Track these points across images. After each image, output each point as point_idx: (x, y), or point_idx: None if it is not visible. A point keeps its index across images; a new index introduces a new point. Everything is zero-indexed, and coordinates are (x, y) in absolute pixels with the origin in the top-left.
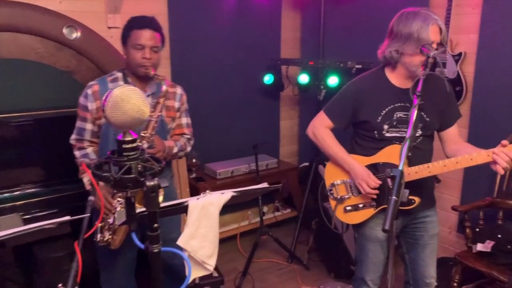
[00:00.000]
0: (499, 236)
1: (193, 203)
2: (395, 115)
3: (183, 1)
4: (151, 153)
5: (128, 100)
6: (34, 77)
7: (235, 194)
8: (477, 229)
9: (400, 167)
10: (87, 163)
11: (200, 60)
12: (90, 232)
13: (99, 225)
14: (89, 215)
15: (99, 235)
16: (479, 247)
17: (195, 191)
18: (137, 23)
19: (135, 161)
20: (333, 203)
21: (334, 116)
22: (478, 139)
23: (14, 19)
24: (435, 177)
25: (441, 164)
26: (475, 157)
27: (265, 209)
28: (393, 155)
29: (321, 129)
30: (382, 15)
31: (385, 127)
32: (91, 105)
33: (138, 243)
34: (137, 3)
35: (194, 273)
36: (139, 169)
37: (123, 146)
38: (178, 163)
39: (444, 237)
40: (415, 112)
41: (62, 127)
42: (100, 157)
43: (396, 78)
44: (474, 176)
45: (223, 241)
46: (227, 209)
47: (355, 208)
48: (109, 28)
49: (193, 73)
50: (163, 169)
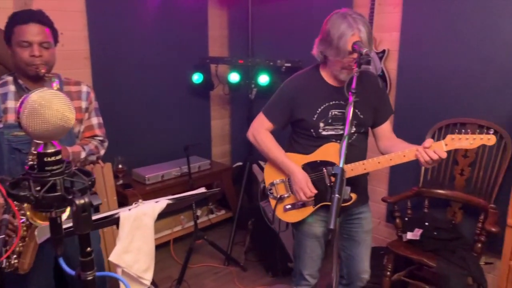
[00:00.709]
0: (426, 224)
1: (125, 215)
2: (330, 113)
3: None
4: None
5: (49, 105)
6: None
7: (170, 202)
8: (406, 219)
9: (340, 165)
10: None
11: (123, 59)
12: (4, 256)
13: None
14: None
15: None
16: (409, 235)
17: (123, 199)
18: (20, 18)
19: (60, 176)
20: (273, 202)
21: (272, 116)
22: (402, 132)
23: None
24: None
25: (375, 161)
26: (408, 153)
27: (199, 212)
28: (331, 153)
29: (261, 132)
30: (308, 13)
31: (321, 124)
32: None
33: (67, 269)
34: None
35: None
36: (65, 185)
37: (45, 159)
38: (103, 170)
39: (374, 228)
40: (351, 109)
41: None
42: None
43: (329, 76)
44: (400, 168)
45: (155, 249)
46: (158, 215)
47: (294, 206)
48: None
49: (116, 73)
50: (93, 183)
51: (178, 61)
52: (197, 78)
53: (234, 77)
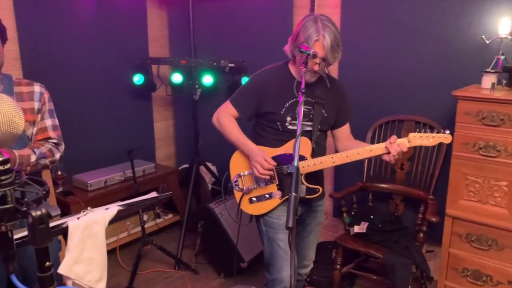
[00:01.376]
0: (372, 217)
1: (74, 224)
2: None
3: None
4: None
5: None
6: None
7: (121, 208)
8: (352, 213)
9: (295, 163)
10: None
11: (57, 60)
12: None
13: None
14: None
15: None
16: (356, 229)
17: (64, 207)
18: None
19: (11, 187)
20: (238, 195)
21: (239, 106)
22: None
23: None
24: None
25: (344, 155)
26: (374, 148)
27: (145, 217)
28: (302, 147)
29: (225, 116)
30: (250, 14)
31: (288, 119)
32: None
33: (21, 286)
34: None
35: None
36: (17, 196)
37: None
38: (42, 178)
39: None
40: (302, 108)
41: None
42: None
43: (297, 73)
44: (344, 165)
45: None
46: None
47: (261, 198)
48: None
49: (50, 75)
50: (48, 192)
51: (117, 62)
52: (138, 79)
53: (177, 78)
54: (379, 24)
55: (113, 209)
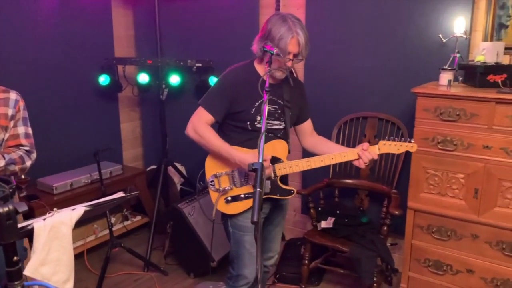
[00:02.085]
0: (338, 212)
1: (39, 225)
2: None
3: None
4: None
5: None
6: None
7: (88, 208)
8: (319, 209)
9: (260, 160)
10: None
11: (19, 61)
12: None
13: None
14: None
15: None
16: (323, 224)
17: (29, 211)
18: None
19: None
20: (213, 195)
21: (212, 109)
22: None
23: None
24: None
25: (320, 158)
26: (347, 154)
27: (113, 220)
28: (277, 149)
29: (202, 125)
30: (216, 13)
31: (258, 118)
32: None
33: None
34: None
35: None
36: None
37: None
38: None
39: (290, 220)
40: (266, 107)
41: None
42: None
43: (264, 72)
44: None
45: None
46: None
47: (236, 199)
48: None
49: (12, 77)
50: (14, 190)
51: (81, 62)
52: (103, 79)
53: (143, 78)
54: (343, 23)
55: (79, 210)
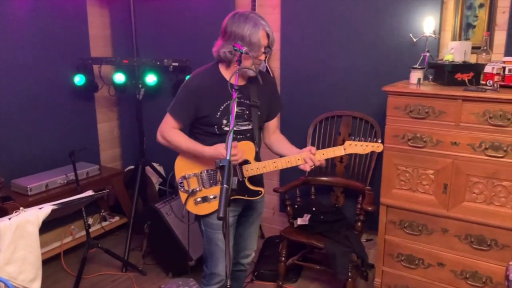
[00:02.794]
0: (314, 209)
1: (5, 224)
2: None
3: None
4: None
5: None
6: None
7: (55, 207)
8: (296, 206)
9: (227, 157)
10: None
11: None
12: None
13: None
14: None
15: None
16: (299, 221)
17: (3, 213)
18: None
19: None
20: (183, 196)
21: (178, 115)
22: (288, 126)
23: None
24: None
25: (286, 160)
26: (302, 156)
27: (91, 221)
28: (245, 150)
29: (168, 130)
30: (192, 13)
31: (224, 121)
32: None
33: None
34: None
35: None
36: None
37: None
38: None
39: (269, 218)
40: (235, 105)
41: None
42: None
43: (228, 74)
44: None
45: (44, 263)
46: (46, 227)
47: (206, 199)
48: None
49: None
50: None
51: (56, 62)
52: (78, 79)
53: (119, 78)
54: (317, 23)
55: (47, 208)
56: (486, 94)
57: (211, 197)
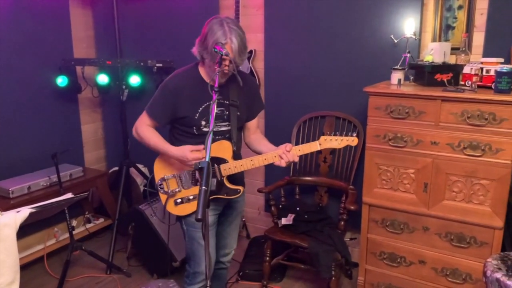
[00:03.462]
0: (298, 208)
1: None
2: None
3: None
4: None
5: None
6: None
7: (33, 210)
8: (280, 206)
9: (206, 159)
10: None
11: None
12: None
13: None
14: None
15: None
16: (283, 221)
17: None
18: None
19: None
20: (163, 197)
21: (154, 115)
22: (273, 126)
23: None
24: None
25: (263, 157)
26: (278, 153)
27: (75, 223)
28: (221, 150)
29: (143, 127)
30: (176, 14)
31: (203, 123)
32: None
33: None
34: None
35: None
36: None
37: None
38: None
39: (254, 218)
40: (215, 106)
41: None
42: None
43: (207, 75)
44: None
45: (28, 266)
46: (29, 230)
47: (186, 200)
48: None
49: None
50: None
51: (38, 63)
52: (61, 81)
53: (102, 79)
54: (301, 24)
55: (24, 212)
56: (464, 94)
57: (191, 197)
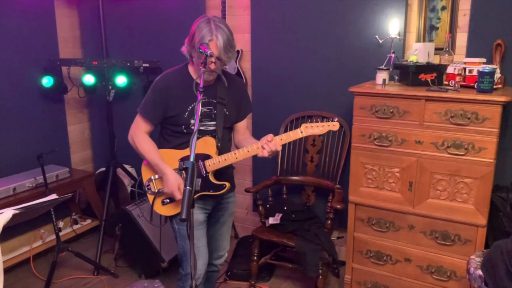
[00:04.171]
0: (285, 208)
1: None
2: (200, 110)
3: None
4: None
5: None
6: None
7: (17, 211)
8: (268, 205)
9: (191, 159)
10: None
11: None
12: None
13: None
14: None
15: None
16: (271, 220)
17: None
18: None
19: None
20: (150, 198)
21: (148, 115)
22: (260, 126)
23: None
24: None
25: (245, 149)
26: (260, 144)
27: (62, 224)
28: (206, 146)
29: (139, 135)
30: (163, 14)
31: (192, 121)
32: None
33: None
34: None
35: None
36: None
37: None
38: None
39: (243, 218)
40: (199, 106)
41: None
42: None
43: (195, 74)
44: (261, 160)
45: (13, 269)
46: (15, 232)
47: (173, 199)
48: None
49: None
50: None
51: (24, 63)
52: (46, 81)
53: (88, 79)
54: (287, 25)
55: (7, 213)
56: (447, 94)
57: None
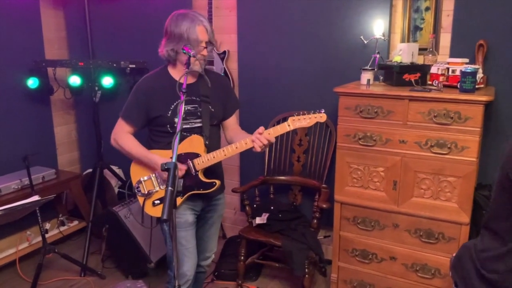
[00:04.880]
0: (272, 208)
1: None
2: (183, 108)
3: None
4: None
5: None
6: None
7: None
8: (255, 205)
9: (173, 160)
10: None
11: None
12: None
13: None
14: None
15: None
16: (257, 220)
17: None
18: None
19: None
20: (141, 200)
21: (130, 119)
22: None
23: None
24: None
25: (234, 146)
26: (248, 141)
27: (48, 226)
28: (193, 145)
29: (122, 135)
30: (148, 14)
31: (176, 120)
32: None
33: None
34: None
35: None
36: None
37: None
38: None
39: (231, 218)
40: (183, 106)
41: None
42: None
43: (178, 74)
44: (248, 160)
45: None
46: (0, 234)
47: (163, 200)
48: None
49: None
50: None
51: (8, 64)
52: (32, 82)
53: (74, 80)
54: (273, 26)
55: None
56: (430, 94)
57: None
